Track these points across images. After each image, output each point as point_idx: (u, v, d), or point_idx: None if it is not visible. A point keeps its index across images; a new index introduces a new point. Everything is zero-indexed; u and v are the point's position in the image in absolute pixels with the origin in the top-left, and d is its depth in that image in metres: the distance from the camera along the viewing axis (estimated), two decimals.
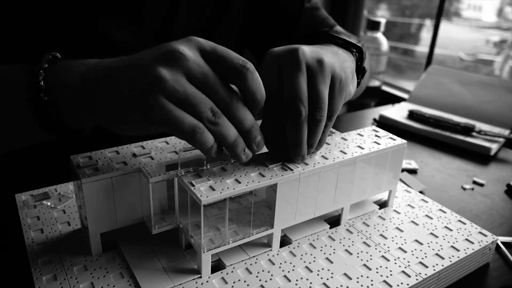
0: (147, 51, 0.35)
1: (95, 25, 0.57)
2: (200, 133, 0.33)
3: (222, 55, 0.34)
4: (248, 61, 0.35)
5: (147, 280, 0.39)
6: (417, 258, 0.43)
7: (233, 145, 0.36)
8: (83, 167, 0.40)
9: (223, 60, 0.34)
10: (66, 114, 0.36)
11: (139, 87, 0.33)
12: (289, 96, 0.39)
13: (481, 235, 0.47)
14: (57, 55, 0.38)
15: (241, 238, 0.40)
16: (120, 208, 0.41)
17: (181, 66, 0.33)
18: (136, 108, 0.33)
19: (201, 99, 0.33)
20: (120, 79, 0.34)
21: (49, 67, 0.36)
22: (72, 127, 0.38)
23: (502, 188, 0.66)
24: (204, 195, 0.35)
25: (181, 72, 0.33)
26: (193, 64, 0.33)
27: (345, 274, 0.41)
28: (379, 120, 0.91)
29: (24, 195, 0.52)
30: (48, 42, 0.56)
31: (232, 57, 0.34)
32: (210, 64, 0.34)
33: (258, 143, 0.38)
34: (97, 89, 0.35)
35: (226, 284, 0.39)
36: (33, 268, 0.40)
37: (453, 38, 2.73)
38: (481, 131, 0.81)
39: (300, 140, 0.40)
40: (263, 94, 0.36)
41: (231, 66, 0.34)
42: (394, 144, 0.48)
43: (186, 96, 0.33)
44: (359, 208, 0.51)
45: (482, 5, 2.76)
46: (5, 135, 0.40)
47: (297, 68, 0.39)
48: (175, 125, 0.33)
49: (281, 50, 0.41)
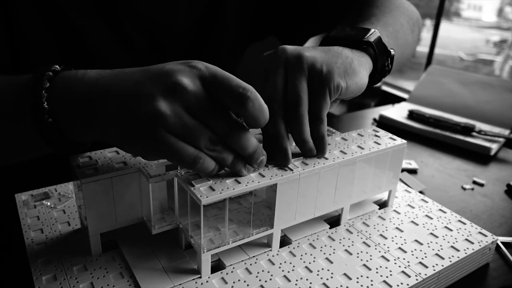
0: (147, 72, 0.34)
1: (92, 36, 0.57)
2: (201, 163, 0.35)
3: (223, 83, 0.34)
4: (250, 88, 0.34)
5: (147, 280, 0.39)
6: (417, 258, 0.43)
7: (232, 165, 0.37)
8: (83, 167, 0.40)
9: (223, 89, 0.34)
10: (68, 132, 0.37)
11: (140, 119, 0.33)
12: (266, 95, 0.39)
13: (481, 235, 0.47)
14: (56, 68, 0.37)
15: (241, 238, 0.40)
16: (120, 208, 0.41)
17: (181, 100, 0.33)
18: (138, 139, 0.34)
19: (200, 131, 0.34)
20: (122, 108, 0.34)
21: (50, 86, 0.36)
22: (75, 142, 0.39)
23: (502, 188, 0.66)
24: (204, 195, 0.35)
25: (181, 105, 0.33)
26: (193, 97, 0.33)
27: (345, 274, 0.41)
28: (379, 120, 0.91)
29: (24, 195, 0.52)
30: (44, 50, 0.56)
31: (232, 86, 0.34)
32: (210, 91, 0.34)
33: (261, 162, 0.39)
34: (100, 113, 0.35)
35: (226, 284, 0.39)
36: (33, 268, 0.40)
37: (453, 38, 2.73)
38: (481, 131, 0.81)
39: (276, 132, 0.40)
40: (266, 118, 0.36)
41: (231, 95, 0.34)
42: (394, 144, 0.47)
43: (186, 129, 0.33)
44: (359, 208, 0.51)
45: (482, 5, 2.76)
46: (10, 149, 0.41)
47: (274, 67, 0.41)
48: (176, 157, 0.34)
49: (266, 53, 0.43)
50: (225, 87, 0.34)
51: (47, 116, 0.35)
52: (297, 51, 0.42)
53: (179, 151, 0.34)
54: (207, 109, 0.34)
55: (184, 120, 0.33)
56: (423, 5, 2.64)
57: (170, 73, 0.33)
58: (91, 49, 0.58)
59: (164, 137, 0.33)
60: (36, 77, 0.36)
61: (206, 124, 0.34)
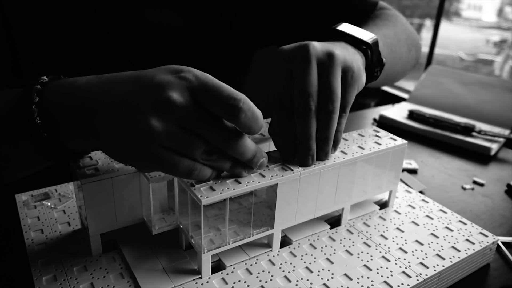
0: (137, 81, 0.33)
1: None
2: (196, 174, 0.35)
3: (213, 95, 0.33)
4: (241, 97, 0.33)
5: (147, 280, 0.39)
6: (418, 259, 0.43)
7: (231, 170, 0.37)
8: (83, 167, 0.40)
9: (214, 100, 0.33)
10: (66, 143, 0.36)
11: (132, 134, 0.32)
12: (299, 91, 0.39)
13: (481, 236, 0.47)
14: (44, 79, 0.36)
15: (242, 239, 0.40)
16: (120, 209, 0.41)
17: (172, 116, 0.32)
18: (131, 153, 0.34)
19: (194, 144, 0.34)
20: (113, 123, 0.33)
21: (40, 100, 0.35)
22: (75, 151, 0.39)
23: (502, 188, 0.66)
24: (204, 195, 0.35)
25: (173, 120, 0.32)
26: (184, 111, 0.32)
27: (346, 274, 0.41)
28: (379, 120, 0.91)
29: (24, 195, 0.52)
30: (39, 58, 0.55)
31: (223, 97, 0.33)
32: (202, 103, 0.33)
33: (261, 165, 0.38)
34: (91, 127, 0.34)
35: (226, 284, 0.39)
36: (33, 268, 0.40)
37: (453, 38, 2.73)
38: (481, 131, 0.81)
39: (309, 135, 0.40)
40: (260, 127, 0.35)
41: (222, 107, 0.33)
42: (394, 144, 0.47)
43: (179, 143, 0.33)
44: (359, 209, 0.51)
45: (482, 5, 2.76)
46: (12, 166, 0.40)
47: (306, 62, 0.40)
48: (171, 170, 0.34)
49: (290, 48, 0.41)
50: (215, 98, 0.33)
51: (42, 131, 0.35)
52: (327, 48, 0.41)
53: (174, 165, 0.33)
54: (200, 121, 0.33)
55: (177, 135, 0.33)
56: (423, 5, 2.64)
57: (160, 87, 0.32)
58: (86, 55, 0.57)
59: (158, 152, 0.33)
60: (25, 93, 0.35)
61: (200, 135, 0.34)
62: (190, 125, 0.33)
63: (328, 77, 0.40)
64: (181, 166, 0.34)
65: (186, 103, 0.32)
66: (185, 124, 0.33)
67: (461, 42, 2.80)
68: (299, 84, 0.40)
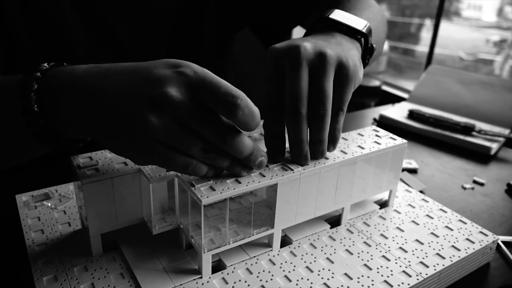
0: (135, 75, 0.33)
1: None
2: (192, 169, 0.35)
3: (211, 91, 0.33)
4: (239, 94, 0.33)
5: (147, 280, 0.39)
6: (418, 258, 0.43)
7: (230, 169, 0.37)
8: (84, 167, 0.40)
9: (211, 97, 0.33)
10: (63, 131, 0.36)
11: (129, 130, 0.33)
12: (289, 95, 0.39)
13: (481, 235, 0.47)
14: (45, 67, 0.36)
15: (242, 238, 0.40)
16: (121, 209, 0.41)
17: (169, 112, 0.32)
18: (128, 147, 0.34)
19: (191, 141, 0.34)
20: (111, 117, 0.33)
21: (39, 88, 0.35)
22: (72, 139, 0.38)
23: (502, 187, 0.66)
24: (204, 195, 0.35)
25: (171, 117, 0.32)
26: (182, 108, 0.32)
27: (346, 274, 0.41)
28: (379, 120, 0.91)
29: (24, 196, 0.52)
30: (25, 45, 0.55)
31: (220, 93, 0.32)
32: (200, 99, 0.33)
33: (260, 164, 0.38)
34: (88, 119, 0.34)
35: (226, 284, 0.39)
36: (34, 269, 0.40)
37: (453, 37, 2.73)
38: (481, 130, 0.81)
39: (299, 139, 0.40)
40: (257, 123, 0.35)
41: (220, 103, 0.33)
42: (394, 144, 0.47)
43: (176, 140, 0.33)
44: (359, 208, 0.51)
45: (482, 4, 2.76)
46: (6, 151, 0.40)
47: (297, 66, 0.39)
48: (167, 165, 0.35)
49: (281, 48, 0.41)
50: (213, 95, 0.33)
51: (39, 118, 0.35)
52: (320, 48, 0.40)
53: (170, 160, 0.34)
54: (197, 118, 0.33)
55: (174, 132, 0.33)
56: (423, 5, 2.64)
57: (158, 81, 0.32)
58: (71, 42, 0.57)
59: (154, 147, 0.33)
60: (24, 80, 0.35)
61: (198, 131, 0.34)
62: (187, 121, 0.33)
63: (320, 80, 0.39)
64: (177, 162, 0.34)
65: (183, 99, 0.32)
66: (182, 120, 0.33)
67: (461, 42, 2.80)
68: (289, 88, 0.39)
